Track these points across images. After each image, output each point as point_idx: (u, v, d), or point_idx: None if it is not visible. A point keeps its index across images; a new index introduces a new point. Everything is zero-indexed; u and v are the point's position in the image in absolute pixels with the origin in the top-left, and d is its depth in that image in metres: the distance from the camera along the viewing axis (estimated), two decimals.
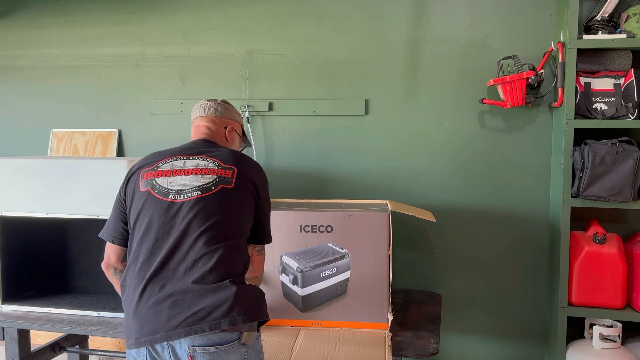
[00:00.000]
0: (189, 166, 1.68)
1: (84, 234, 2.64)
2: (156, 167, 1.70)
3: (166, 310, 1.47)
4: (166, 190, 1.63)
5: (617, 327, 2.41)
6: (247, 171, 1.70)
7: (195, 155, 1.72)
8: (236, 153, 1.77)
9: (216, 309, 1.46)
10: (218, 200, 1.61)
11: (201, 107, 1.94)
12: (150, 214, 1.61)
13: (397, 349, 2.00)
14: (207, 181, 1.64)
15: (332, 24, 2.91)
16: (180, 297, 1.48)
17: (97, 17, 3.21)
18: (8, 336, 2.43)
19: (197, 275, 1.51)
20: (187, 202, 1.59)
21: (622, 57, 2.46)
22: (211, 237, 1.56)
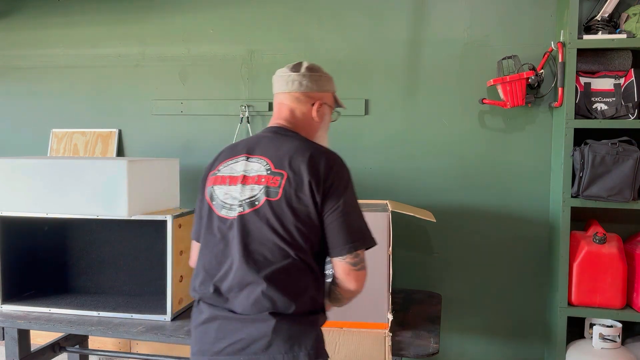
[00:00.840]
0: (243, 172, 1.49)
1: (84, 234, 2.64)
2: (217, 171, 1.55)
3: (213, 333, 1.43)
4: (220, 203, 1.50)
5: (617, 327, 2.41)
6: (302, 172, 1.42)
7: (257, 155, 1.51)
8: (298, 148, 1.48)
9: (254, 342, 1.37)
10: (262, 219, 1.42)
11: (283, 79, 1.62)
12: (208, 227, 1.52)
13: (397, 349, 2.00)
14: (252, 194, 1.45)
15: (332, 24, 2.91)
16: (225, 322, 1.42)
17: (97, 17, 3.21)
18: (8, 336, 2.43)
19: (240, 302, 1.41)
20: (234, 220, 1.45)
21: (622, 57, 2.46)
22: (255, 262, 1.40)
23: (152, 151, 3.17)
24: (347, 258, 1.45)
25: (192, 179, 3.08)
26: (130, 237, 2.59)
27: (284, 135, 1.55)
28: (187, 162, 3.06)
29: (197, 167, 3.09)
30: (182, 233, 2.35)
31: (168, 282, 2.27)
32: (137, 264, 2.59)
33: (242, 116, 3.00)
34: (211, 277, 1.46)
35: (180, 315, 2.34)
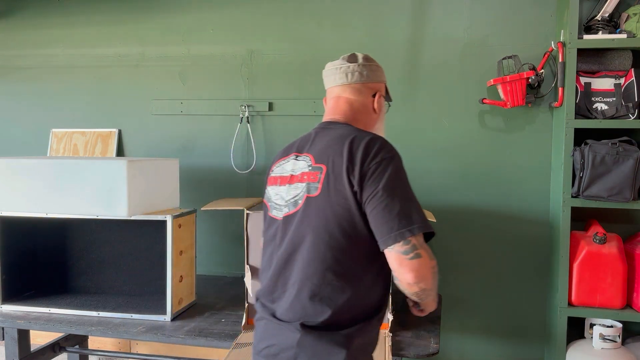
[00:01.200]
0: (291, 171, 1.45)
1: (84, 234, 2.64)
2: (272, 172, 1.53)
3: (259, 332, 1.43)
4: (273, 204, 1.48)
5: (617, 327, 2.41)
6: (340, 162, 1.33)
7: (304, 152, 1.45)
8: (340, 137, 1.40)
9: (283, 351, 1.33)
10: (303, 219, 1.36)
11: (341, 70, 1.53)
12: (266, 228, 1.51)
13: (397, 349, 2.00)
14: (296, 192, 1.40)
15: (332, 23, 2.91)
16: (268, 323, 1.41)
17: (97, 17, 3.21)
18: (8, 336, 2.43)
19: (280, 307, 1.39)
20: (280, 222, 1.43)
21: (622, 57, 2.45)
22: (293, 266, 1.37)
23: (152, 151, 3.17)
24: (395, 247, 1.29)
25: (192, 179, 3.09)
26: (130, 237, 2.59)
27: (332, 128, 1.48)
28: (187, 162, 3.06)
29: (197, 167, 3.09)
30: (182, 233, 2.34)
31: (168, 282, 2.27)
32: (137, 264, 2.59)
33: (242, 116, 3.00)
34: (264, 278, 1.46)
35: (180, 315, 2.34)
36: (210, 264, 3.08)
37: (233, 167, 3.03)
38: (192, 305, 2.48)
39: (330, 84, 1.57)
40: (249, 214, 2.19)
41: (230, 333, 2.13)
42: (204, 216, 2.97)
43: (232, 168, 3.03)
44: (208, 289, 2.73)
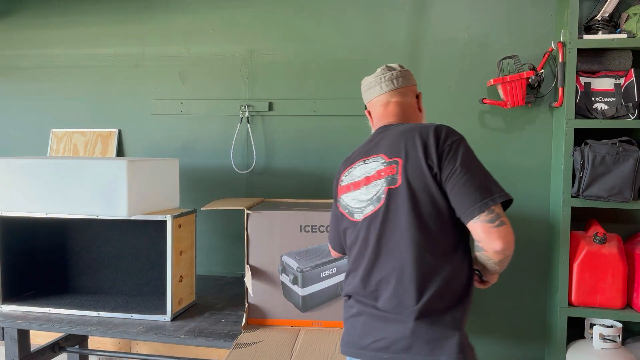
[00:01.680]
0: (364, 174, 1.52)
1: (84, 234, 2.64)
2: (341, 182, 1.60)
3: (359, 328, 1.45)
4: (352, 209, 1.54)
5: (617, 327, 2.41)
6: (414, 151, 1.43)
7: (372, 155, 1.54)
8: (407, 133, 1.48)
9: (395, 343, 1.37)
10: (389, 211, 1.43)
11: (387, 79, 1.63)
12: (346, 234, 1.57)
13: None
14: (376, 190, 1.47)
15: (332, 23, 2.91)
16: (369, 318, 1.44)
17: (97, 17, 3.21)
18: (8, 336, 2.43)
19: (382, 300, 1.42)
20: (364, 221, 1.49)
21: (622, 57, 2.46)
22: (388, 257, 1.42)
23: (152, 151, 3.17)
24: (480, 217, 1.36)
25: (192, 179, 3.09)
26: (130, 237, 2.59)
27: (391, 128, 1.57)
28: (187, 162, 3.06)
29: (197, 167, 3.09)
30: (182, 233, 2.34)
31: (168, 282, 2.27)
32: (137, 264, 2.59)
33: (242, 116, 3.00)
34: (353, 277, 1.51)
35: (180, 315, 2.34)
36: (210, 264, 3.08)
37: (233, 167, 3.03)
38: (192, 305, 2.48)
39: (376, 94, 1.66)
40: (249, 214, 2.19)
41: (230, 333, 2.13)
42: (204, 216, 2.97)
43: (232, 168, 3.03)
44: (208, 289, 2.73)
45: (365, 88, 1.70)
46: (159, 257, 2.53)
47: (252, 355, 1.92)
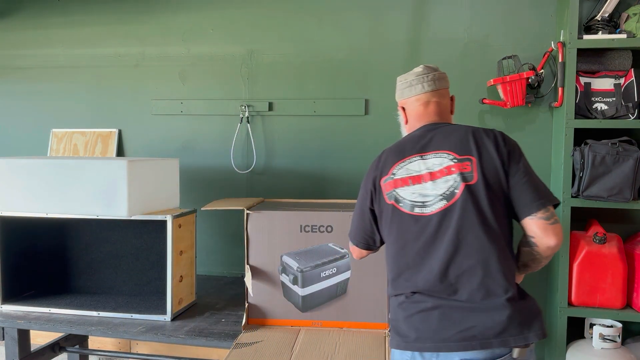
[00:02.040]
0: (426, 169, 1.55)
1: (84, 234, 2.64)
2: (393, 175, 1.59)
3: (435, 321, 1.46)
4: (410, 203, 1.54)
5: (617, 327, 2.41)
6: (490, 151, 1.53)
7: (431, 151, 1.58)
8: (472, 133, 1.58)
9: (488, 329, 1.41)
10: (466, 205, 1.48)
11: (429, 79, 1.70)
12: (401, 228, 1.55)
13: None
14: (448, 185, 1.51)
15: (332, 23, 2.91)
16: (448, 311, 1.45)
17: (97, 17, 3.21)
18: (8, 336, 2.43)
19: (464, 292, 1.46)
20: (435, 215, 1.50)
21: (622, 57, 2.46)
22: (469, 249, 1.46)
23: (152, 151, 3.17)
24: (538, 214, 1.48)
25: (192, 179, 3.09)
26: (130, 237, 2.59)
27: (441, 127, 1.64)
28: (187, 162, 3.06)
29: (197, 167, 3.09)
30: (182, 233, 2.35)
31: (168, 282, 2.27)
32: (137, 264, 2.59)
33: (242, 116, 3.00)
34: (418, 271, 1.51)
35: (180, 315, 2.34)
36: (210, 264, 3.08)
37: (233, 167, 3.03)
38: (192, 305, 2.48)
39: (417, 92, 1.71)
40: (249, 214, 2.19)
41: (230, 333, 2.13)
42: (204, 216, 2.97)
43: (232, 168, 3.03)
44: (208, 289, 2.74)
45: (405, 85, 1.74)
46: (159, 257, 2.53)
47: (252, 355, 1.92)
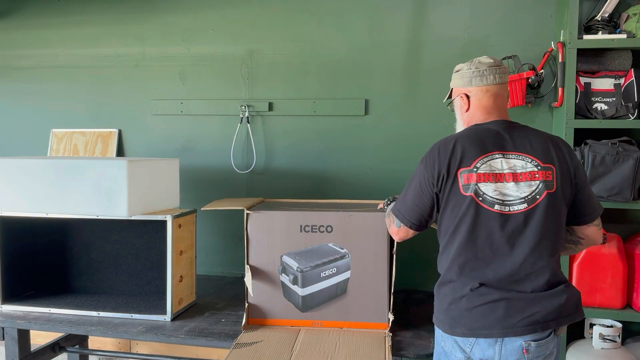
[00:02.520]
0: (508, 169, 1.63)
1: (84, 234, 2.64)
2: (475, 169, 1.63)
3: (501, 311, 1.58)
4: (491, 199, 1.61)
5: (617, 327, 2.41)
6: (567, 162, 1.67)
7: (512, 151, 1.65)
8: (550, 142, 1.69)
9: (549, 314, 1.58)
10: (545, 211, 1.60)
11: (500, 71, 1.74)
12: (477, 221, 1.61)
13: (397, 349, 2.00)
14: (531, 190, 1.61)
15: (333, 23, 2.91)
16: (514, 302, 1.59)
17: (97, 17, 3.21)
18: (8, 336, 2.43)
19: (530, 285, 1.60)
20: (515, 216, 1.60)
21: (622, 57, 2.46)
22: (542, 251, 1.60)
23: (152, 151, 3.17)
24: (596, 221, 1.75)
25: (192, 179, 3.09)
26: (130, 237, 2.59)
27: (521, 128, 1.73)
28: (187, 162, 3.06)
29: (197, 167, 3.09)
30: (182, 233, 2.35)
31: (168, 282, 2.27)
32: (137, 264, 2.59)
33: (242, 116, 3.00)
34: (487, 264, 1.61)
35: (180, 315, 2.34)
36: (210, 264, 3.08)
37: (233, 167, 3.03)
38: (192, 305, 2.48)
39: (489, 82, 1.73)
40: (249, 214, 2.19)
41: (230, 333, 2.13)
42: (204, 216, 2.97)
43: (232, 168, 3.03)
44: (208, 289, 2.74)
45: (475, 74, 1.74)
46: (159, 257, 2.53)
47: (252, 355, 1.92)
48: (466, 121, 1.79)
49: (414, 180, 1.74)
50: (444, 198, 1.66)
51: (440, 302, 1.72)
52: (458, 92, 1.81)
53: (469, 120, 1.78)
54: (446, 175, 1.65)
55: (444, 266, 1.70)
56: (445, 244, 1.69)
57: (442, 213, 1.68)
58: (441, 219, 1.70)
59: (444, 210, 1.68)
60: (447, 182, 1.65)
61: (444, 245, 1.70)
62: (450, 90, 1.89)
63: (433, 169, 1.67)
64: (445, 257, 1.69)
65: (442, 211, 1.68)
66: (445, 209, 1.67)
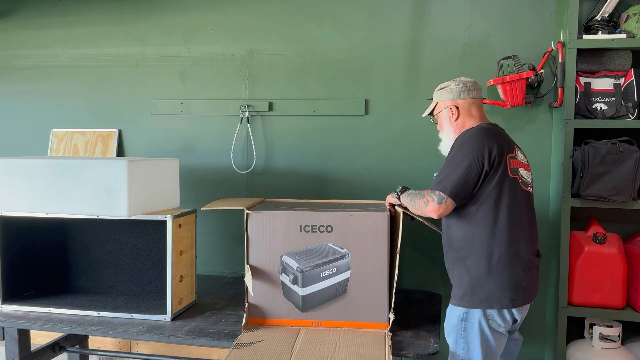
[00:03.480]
0: (523, 159, 2.02)
1: (84, 234, 2.64)
2: (516, 156, 1.97)
3: (535, 279, 1.98)
4: (524, 181, 1.97)
5: (617, 327, 2.41)
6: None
7: (515, 146, 2.02)
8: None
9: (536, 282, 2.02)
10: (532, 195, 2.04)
11: (478, 86, 2.09)
12: (517, 198, 1.92)
13: (397, 349, 2.00)
14: (530, 178, 2.04)
15: (332, 24, 2.91)
16: (536, 272, 2.00)
17: (97, 17, 3.21)
18: (8, 336, 2.43)
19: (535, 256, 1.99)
20: (530, 194, 2.01)
21: (622, 57, 2.46)
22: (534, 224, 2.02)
23: (152, 151, 3.17)
24: None
25: (192, 179, 3.09)
26: (130, 237, 2.59)
27: (502, 130, 2.06)
28: (187, 162, 3.06)
29: (197, 167, 3.09)
30: (182, 233, 2.35)
31: (168, 282, 2.27)
32: (137, 264, 2.59)
33: (242, 116, 3.00)
34: (528, 234, 1.95)
35: (181, 315, 2.34)
36: (210, 264, 3.08)
37: (233, 167, 3.03)
38: (192, 305, 2.48)
39: (478, 96, 2.09)
40: (249, 214, 2.19)
41: (230, 333, 2.13)
42: (204, 216, 2.97)
43: (232, 168, 3.03)
44: (208, 289, 2.74)
45: (464, 89, 2.07)
46: (159, 257, 2.53)
47: (252, 355, 1.93)
48: (458, 127, 2.06)
49: (462, 161, 1.90)
50: (492, 177, 1.89)
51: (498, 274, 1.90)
52: (445, 105, 2.08)
53: (460, 126, 2.05)
54: (498, 156, 1.89)
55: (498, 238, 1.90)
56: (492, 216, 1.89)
57: (483, 189, 1.90)
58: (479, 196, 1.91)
59: (485, 187, 1.89)
60: (497, 163, 1.88)
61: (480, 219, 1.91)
62: (434, 105, 2.13)
63: (484, 150, 1.89)
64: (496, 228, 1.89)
65: (484, 188, 1.90)
66: (488, 184, 1.89)
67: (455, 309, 1.95)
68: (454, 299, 1.96)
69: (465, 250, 1.93)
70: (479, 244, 1.89)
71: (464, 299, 1.91)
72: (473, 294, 1.89)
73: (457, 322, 1.94)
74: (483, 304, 1.88)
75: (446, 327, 2.01)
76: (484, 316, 1.89)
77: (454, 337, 1.95)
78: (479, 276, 1.89)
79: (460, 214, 1.94)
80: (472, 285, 1.90)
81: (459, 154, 1.93)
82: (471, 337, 1.91)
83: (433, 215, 1.92)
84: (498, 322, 1.90)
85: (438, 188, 1.91)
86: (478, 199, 1.90)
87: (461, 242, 1.94)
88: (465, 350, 1.92)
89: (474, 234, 1.91)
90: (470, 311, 1.91)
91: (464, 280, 1.92)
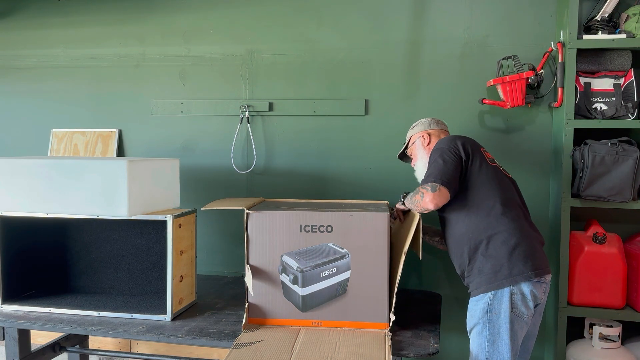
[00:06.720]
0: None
1: (84, 234, 2.64)
2: (486, 151, 2.21)
3: (545, 254, 2.05)
4: (504, 170, 2.20)
5: (617, 327, 2.41)
6: None
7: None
8: None
9: None
10: None
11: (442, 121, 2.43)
12: (504, 181, 2.10)
13: (397, 349, 2.00)
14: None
15: (332, 24, 2.92)
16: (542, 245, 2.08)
17: (97, 17, 3.21)
18: (8, 336, 2.43)
19: None
20: (514, 181, 2.19)
21: (622, 57, 2.46)
22: None
23: (152, 151, 3.17)
24: None
25: (192, 179, 3.09)
26: (130, 237, 2.59)
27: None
28: (187, 162, 3.07)
29: (197, 167, 3.10)
30: (182, 233, 2.35)
31: (168, 282, 2.27)
32: (137, 264, 2.59)
33: (242, 116, 3.00)
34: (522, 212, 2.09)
35: (181, 315, 2.34)
36: (211, 264, 3.08)
37: (233, 167, 3.03)
38: (193, 305, 2.48)
39: (441, 127, 2.40)
40: (249, 213, 2.19)
41: (231, 333, 2.13)
42: (204, 216, 2.98)
43: (232, 168, 3.03)
44: (208, 289, 2.74)
45: (433, 121, 2.40)
46: (159, 257, 2.53)
47: (252, 355, 1.93)
48: (430, 147, 2.30)
49: (438, 157, 2.05)
50: (473, 164, 2.06)
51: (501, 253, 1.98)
52: (419, 135, 2.36)
53: (431, 146, 2.29)
54: (470, 147, 2.09)
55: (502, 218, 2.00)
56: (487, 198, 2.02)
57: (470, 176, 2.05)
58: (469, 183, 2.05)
59: (470, 175, 2.05)
60: (475, 152, 2.09)
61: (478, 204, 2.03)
62: (408, 140, 2.42)
63: (455, 144, 2.09)
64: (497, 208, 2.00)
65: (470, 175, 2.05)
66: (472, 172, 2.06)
67: (479, 301, 2.00)
68: (479, 288, 2.00)
69: (475, 238, 2.01)
70: (485, 228, 1.99)
71: (490, 282, 1.97)
72: (497, 273, 1.96)
73: (481, 315, 1.98)
74: (508, 281, 1.94)
75: (469, 322, 2.05)
76: (509, 300, 1.93)
77: (479, 329, 1.99)
78: (498, 256, 1.96)
79: (456, 207, 2.06)
80: (493, 266, 1.97)
81: (434, 155, 2.10)
82: (497, 328, 1.95)
83: (431, 205, 1.99)
84: (522, 310, 1.94)
85: (428, 180, 2.02)
86: (469, 187, 2.05)
87: (468, 232, 2.03)
88: (491, 342, 1.96)
89: (478, 219, 2.01)
90: (496, 297, 1.95)
91: (486, 265, 1.98)
